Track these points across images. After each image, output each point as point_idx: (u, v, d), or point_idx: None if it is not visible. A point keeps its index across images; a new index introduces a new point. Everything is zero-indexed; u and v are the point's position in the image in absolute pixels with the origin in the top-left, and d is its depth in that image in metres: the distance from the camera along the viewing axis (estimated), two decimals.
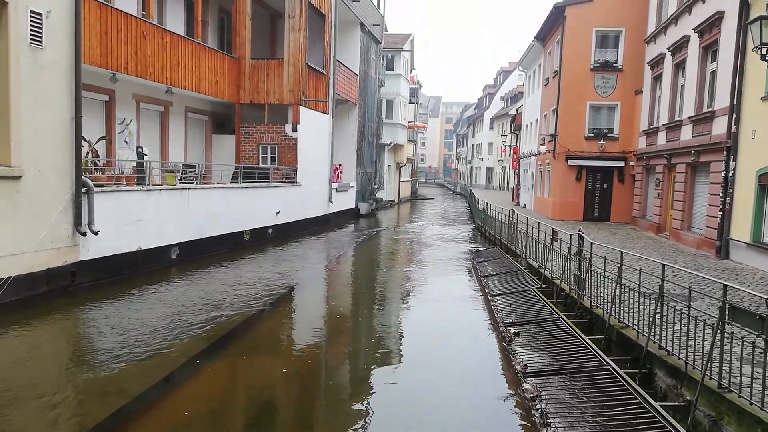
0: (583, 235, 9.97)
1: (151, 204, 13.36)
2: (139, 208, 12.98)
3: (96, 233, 11.34)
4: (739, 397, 5.09)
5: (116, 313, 10.03)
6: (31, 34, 9.90)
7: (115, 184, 12.77)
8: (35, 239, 10.15)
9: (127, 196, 12.74)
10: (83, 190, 11.12)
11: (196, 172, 16.69)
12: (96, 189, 11.42)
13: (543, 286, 11.76)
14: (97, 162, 13.36)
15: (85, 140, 11.95)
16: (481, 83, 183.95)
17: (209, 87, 18.87)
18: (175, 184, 14.89)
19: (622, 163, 23.37)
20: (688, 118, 16.14)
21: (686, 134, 16.39)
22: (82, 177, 11.13)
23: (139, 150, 16.02)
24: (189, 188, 14.96)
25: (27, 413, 5.99)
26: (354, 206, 29.78)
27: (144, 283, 12.13)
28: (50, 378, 7.04)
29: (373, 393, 7.30)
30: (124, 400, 6.43)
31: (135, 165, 14.42)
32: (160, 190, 13.86)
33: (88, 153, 12.70)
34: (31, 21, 9.88)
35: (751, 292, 5.82)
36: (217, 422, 6.18)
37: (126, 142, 16.53)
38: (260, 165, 20.51)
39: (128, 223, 12.60)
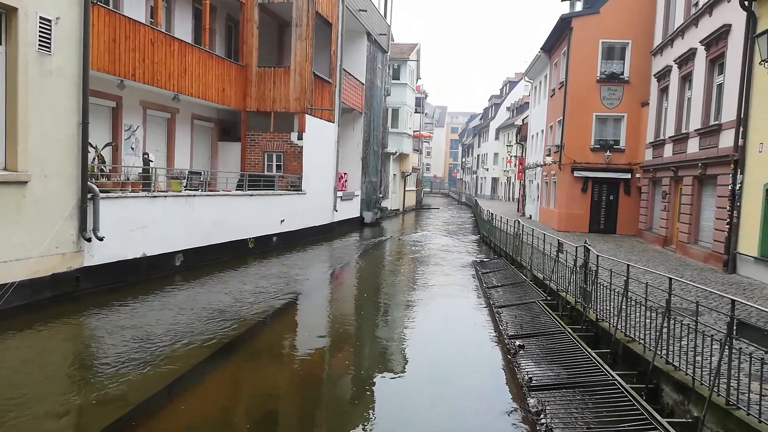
0: (589, 247, 9.90)
1: (156, 210, 13.37)
2: (144, 215, 12.99)
3: (101, 239, 11.34)
4: (748, 414, 5.01)
5: (119, 320, 10.00)
6: (39, 41, 9.96)
7: (120, 190, 12.80)
8: (40, 244, 10.15)
9: (133, 202, 12.75)
10: (89, 195, 11.13)
11: (202, 179, 16.74)
12: (102, 195, 11.44)
13: (548, 298, 11.68)
14: (104, 168, 13.40)
15: (91, 146, 11.99)
16: (486, 93, 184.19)
17: (216, 94, 18.95)
18: (180, 191, 14.91)
19: (628, 175, 23.30)
20: (695, 130, 16.08)
21: (693, 147, 16.32)
22: (88, 183, 11.15)
23: (145, 156, 16.06)
24: (194, 195, 14.98)
25: (27, 420, 5.95)
26: (359, 215, 29.76)
27: (148, 289, 12.11)
28: (52, 384, 7.01)
29: (375, 405, 7.24)
30: (125, 408, 6.38)
31: (141, 171, 14.45)
32: (165, 196, 13.88)
33: (94, 159, 12.75)
34: (40, 27, 9.95)
35: (759, 307, 5.75)
36: (220, 431, 6.13)
37: (132, 148, 16.59)
38: (265, 173, 20.54)
39: (133, 230, 12.61)
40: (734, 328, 5.36)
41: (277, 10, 22.49)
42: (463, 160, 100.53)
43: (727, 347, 5.38)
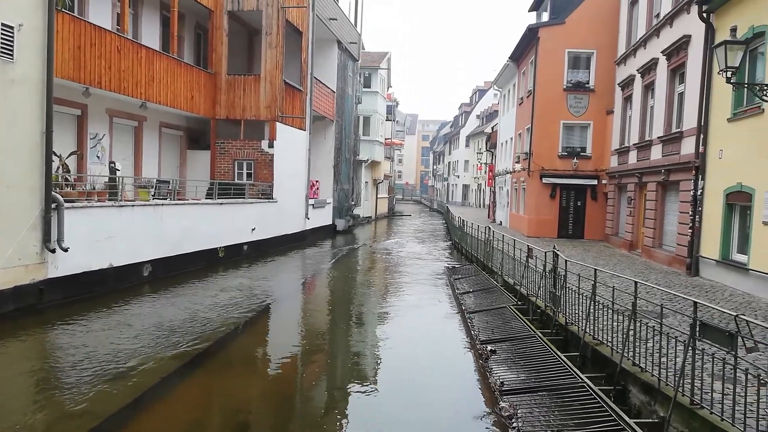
0: (557, 252, 10.07)
1: (123, 220, 13.12)
2: (111, 225, 12.73)
3: (65, 250, 11.07)
4: (711, 413, 5.15)
5: (85, 332, 9.76)
6: (1, 48, 9.72)
7: (86, 199, 12.53)
8: (2, 256, 9.86)
9: (99, 212, 12.49)
10: (53, 205, 10.87)
11: (170, 187, 16.48)
12: (66, 205, 11.18)
13: (519, 302, 11.82)
14: (68, 177, 13.10)
15: (55, 155, 11.72)
16: (457, 101, 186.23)
17: (184, 102, 18.72)
18: (148, 200, 14.66)
19: (594, 182, 23.77)
20: (658, 138, 16.52)
21: (656, 154, 16.77)
22: (52, 192, 10.89)
23: (112, 165, 15.75)
24: (162, 204, 14.74)
25: None
26: (331, 222, 29.68)
27: (114, 301, 11.85)
28: (16, 399, 6.80)
29: (349, 412, 7.22)
30: (93, 422, 6.23)
31: (107, 180, 14.17)
32: (133, 206, 13.63)
33: (58, 168, 12.45)
34: (1, 34, 9.71)
35: (720, 309, 5.93)
36: None
37: (98, 157, 16.26)
38: (236, 181, 20.35)
39: (99, 240, 12.34)
40: (697, 329, 5.52)
41: (246, 18, 22.38)
42: (435, 167, 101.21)
43: (690, 348, 5.53)
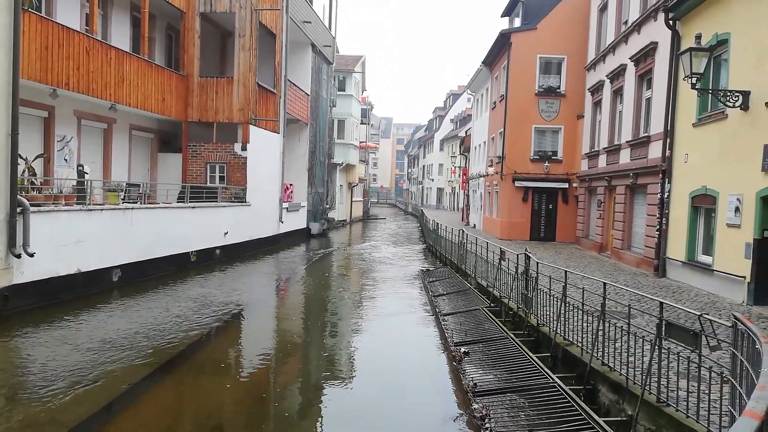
0: (529, 254, 10.20)
1: (91, 224, 12.86)
2: (79, 229, 12.46)
3: (31, 255, 10.80)
4: (677, 410, 5.27)
5: (52, 340, 9.53)
6: None
7: (53, 203, 12.24)
8: None
9: (66, 216, 12.21)
10: (18, 209, 10.61)
11: (141, 191, 16.21)
12: (32, 209, 10.91)
13: (492, 305, 11.93)
14: (34, 180, 12.79)
15: (21, 158, 11.43)
16: (431, 105, 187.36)
17: (155, 104, 18.45)
18: (117, 204, 14.39)
19: (566, 185, 24.15)
20: (626, 142, 16.87)
21: (625, 158, 17.12)
22: (18, 196, 10.63)
23: (80, 168, 15.42)
24: (132, 208, 14.50)
25: None
26: (305, 226, 29.53)
27: (83, 307, 11.59)
28: None
29: (324, 414, 7.20)
30: (60, 430, 6.09)
31: (75, 184, 13.87)
32: (102, 210, 13.37)
33: (24, 171, 12.14)
34: None
35: (686, 309, 6.08)
36: None
37: (65, 159, 15.91)
38: (208, 184, 20.12)
39: (67, 245, 12.07)
40: (663, 329, 5.65)
41: (219, 20, 22.18)
42: (409, 170, 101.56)
43: (657, 347, 5.66)
